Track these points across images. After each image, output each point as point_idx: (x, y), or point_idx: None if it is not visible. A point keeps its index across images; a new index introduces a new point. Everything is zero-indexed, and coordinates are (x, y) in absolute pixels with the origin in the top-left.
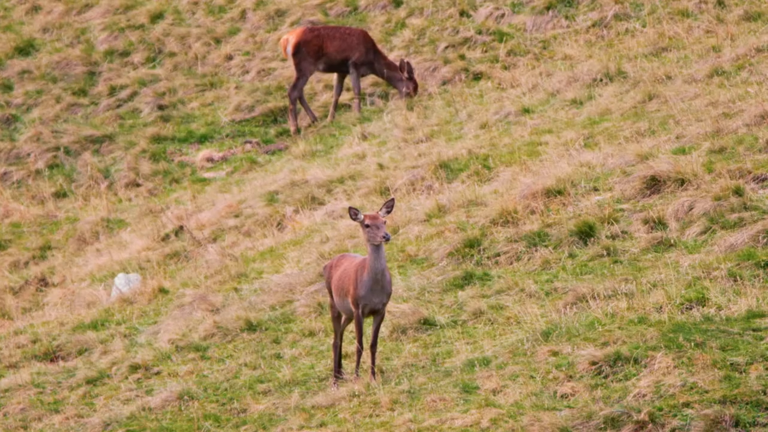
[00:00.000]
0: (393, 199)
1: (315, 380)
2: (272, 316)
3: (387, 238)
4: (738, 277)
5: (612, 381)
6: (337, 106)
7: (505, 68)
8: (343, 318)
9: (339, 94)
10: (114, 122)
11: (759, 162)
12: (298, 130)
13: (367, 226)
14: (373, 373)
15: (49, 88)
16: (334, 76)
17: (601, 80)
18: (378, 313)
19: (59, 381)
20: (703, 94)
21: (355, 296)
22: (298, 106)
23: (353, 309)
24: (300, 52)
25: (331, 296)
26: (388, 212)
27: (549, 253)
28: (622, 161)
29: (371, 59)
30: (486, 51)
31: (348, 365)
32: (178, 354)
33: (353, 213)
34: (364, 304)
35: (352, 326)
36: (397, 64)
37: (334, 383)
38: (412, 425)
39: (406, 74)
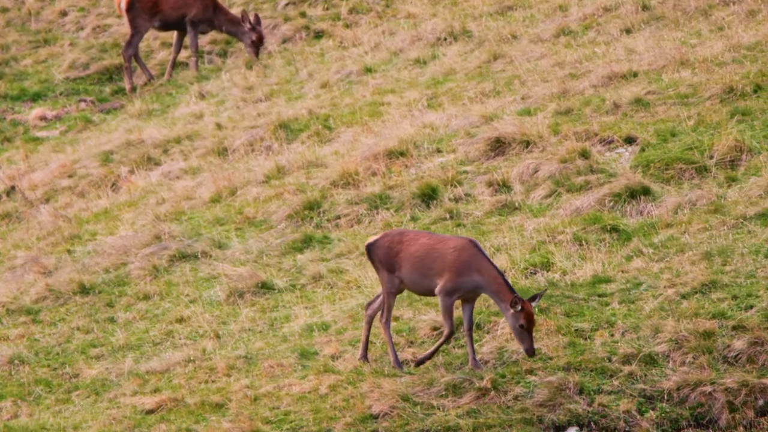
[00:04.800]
0: (546, 289)
1: (149, 345)
2: (106, 279)
3: (531, 354)
4: (583, 242)
5: (454, 347)
6: (175, 65)
7: (347, 26)
8: (387, 297)
9: (177, 52)
10: None
11: (606, 124)
12: (134, 89)
13: (521, 325)
14: (476, 360)
15: None
16: (174, 33)
17: (446, 39)
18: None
19: None
20: (550, 54)
21: (457, 284)
22: (134, 63)
23: (444, 295)
24: (134, 8)
25: (387, 270)
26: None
27: (391, 216)
28: (466, 122)
29: (210, 16)
30: (327, 8)
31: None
32: (9, 317)
33: (514, 301)
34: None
35: None
36: (239, 16)
37: (398, 366)
38: (249, 391)
39: (248, 25)
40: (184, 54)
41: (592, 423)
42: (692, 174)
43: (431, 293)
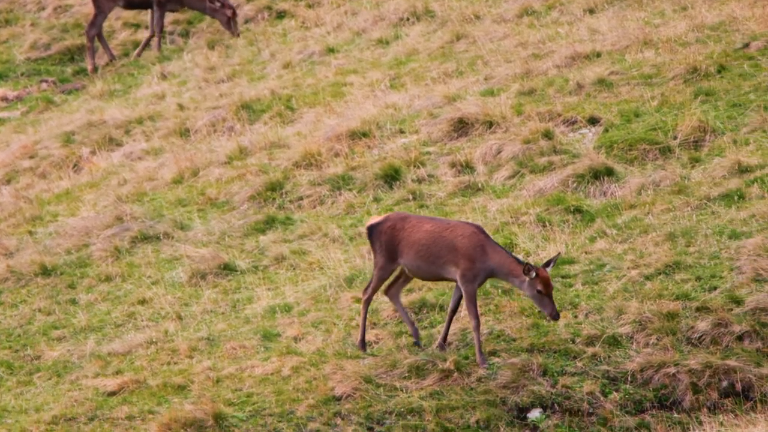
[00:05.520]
0: (559, 254)
1: (111, 326)
2: (68, 261)
3: (555, 318)
4: (547, 223)
5: (418, 328)
6: (138, 45)
7: (310, 6)
8: (400, 280)
9: (153, 31)
10: None
11: (569, 104)
12: (95, 69)
13: (539, 291)
14: (444, 343)
15: None
16: (149, 12)
17: (408, 19)
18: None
19: None
20: (513, 34)
21: (475, 270)
22: (96, 43)
23: (466, 283)
24: None
25: (386, 256)
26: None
27: (353, 197)
28: (429, 103)
29: None
30: None
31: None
32: None
33: (527, 269)
34: (480, 281)
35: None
36: None
37: (362, 347)
38: (212, 373)
39: (217, 3)
40: (146, 34)
41: (555, 404)
42: (656, 155)
43: (438, 279)
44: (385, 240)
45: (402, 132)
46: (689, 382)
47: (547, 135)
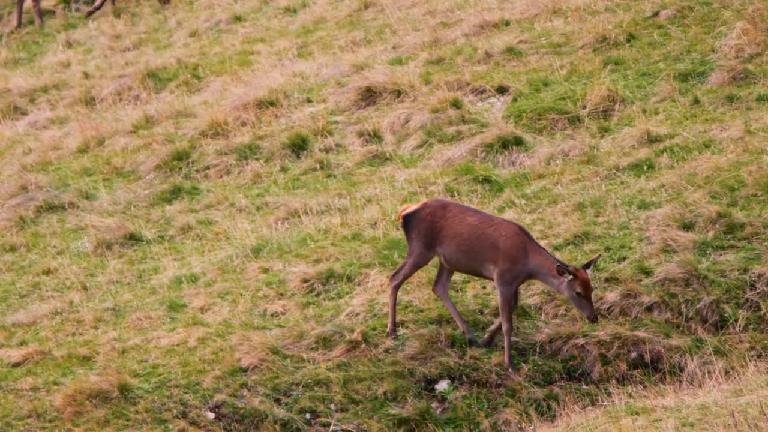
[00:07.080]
0: (599, 255)
1: (16, 297)
2: None
3: (593, 320)
4: (455, 193)
5: (324, 299)
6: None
7: None
8: (444, 275)
9: None
10: None
11: (478, 73)
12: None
13: (578, 293)
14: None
15: None
16: None
17: None
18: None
19: None
20: (421, 2)
21: (515, 272)
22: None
23: (504, 285)
24: None
25: (425, 243)
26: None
27: (260, 167)
28: (336, 71)
29: None
30: None
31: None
32: None
33: (561, 269)
34: (518, 284)
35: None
36: None
37: (393, 335)
38: (117, 344)
39: None
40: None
41: (463, 376)
42: (565, 124)
43: (475, 274)
44: (424, 227)
45: (309, 101)
46: (598, 354)
47: (456, 104)
